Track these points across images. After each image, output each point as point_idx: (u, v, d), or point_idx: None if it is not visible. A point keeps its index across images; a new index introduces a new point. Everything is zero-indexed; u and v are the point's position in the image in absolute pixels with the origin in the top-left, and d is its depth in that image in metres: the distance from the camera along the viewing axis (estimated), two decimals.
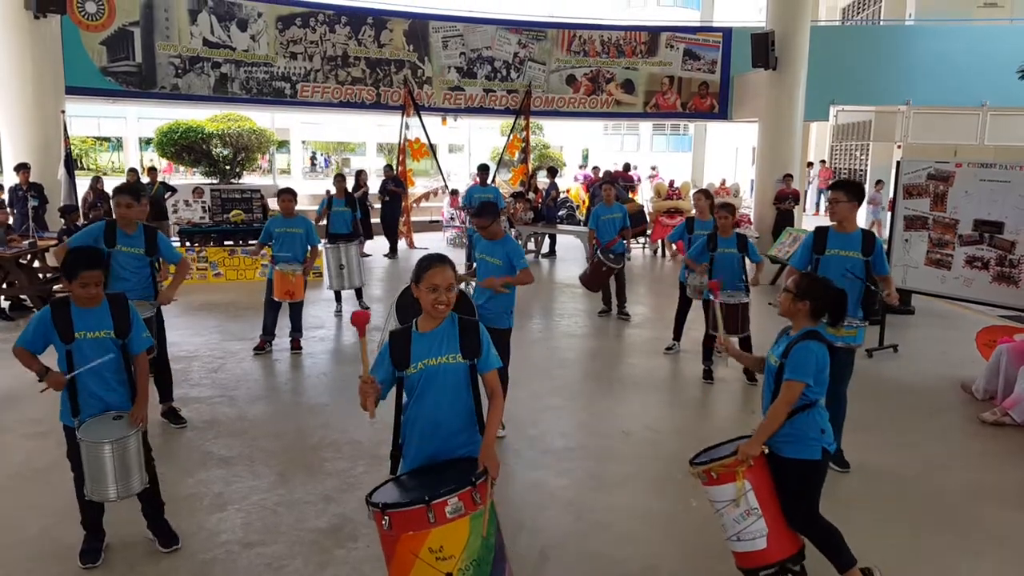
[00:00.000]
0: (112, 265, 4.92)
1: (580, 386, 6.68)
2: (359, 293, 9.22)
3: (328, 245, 8.76)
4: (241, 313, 8.83)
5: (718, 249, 6.53)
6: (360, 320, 2.79)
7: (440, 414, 2.83)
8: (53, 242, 8.95)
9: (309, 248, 7.29)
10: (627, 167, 18.56)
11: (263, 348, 7.29)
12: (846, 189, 4.64)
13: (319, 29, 15.21)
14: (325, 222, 9.18)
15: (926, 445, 5.35)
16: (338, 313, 9.02)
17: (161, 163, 24.20)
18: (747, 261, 6.65)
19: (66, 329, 3.42)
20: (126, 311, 3.56)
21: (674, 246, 13.31)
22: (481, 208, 5.18)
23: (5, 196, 10.55)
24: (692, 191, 11.67)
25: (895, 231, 7.60)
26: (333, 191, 10.13)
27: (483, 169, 12.41)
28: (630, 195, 15.18)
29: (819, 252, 4.72)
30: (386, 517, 2.53)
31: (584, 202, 16.54)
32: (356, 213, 9.69)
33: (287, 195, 7.38)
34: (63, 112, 10.99)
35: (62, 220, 9.62)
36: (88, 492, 3.44)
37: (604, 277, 8.74)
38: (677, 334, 7.51)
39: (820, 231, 4.79)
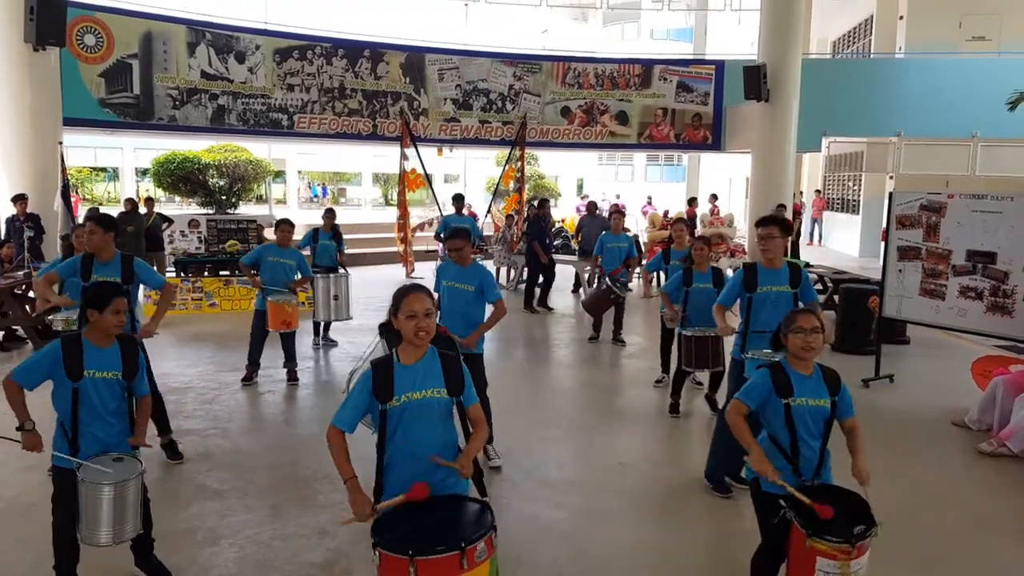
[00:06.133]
0: None
1: (575, 417, 6.65)
2: (326, 327, 9.04)
3: (319, 275, 8.72)
4: (236, 344, 8.77)
5: (693, 284, 6.37)
6: (421, 493, 2.72)
7: (423, 448, 2.79)
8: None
9: (300, 278, 7.35)
10: (692, 201, 17.98)
11: (251, 379, 7.27)
12: (780, 225, 4.66)
13: (316, 61, 15.38)
14: (308, 252, 9.14)
15: (924, 476, 5.33)
16: (316, 345, 8.89)
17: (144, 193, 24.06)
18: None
19: (75, 366, 3.32)
20: (136, 353, 3.50)
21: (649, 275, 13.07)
22: (455, 232, 5.35)
23: (2, 227, 10.54)
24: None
25: (889, 261, 7.64)
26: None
27: (458, 199, 12.45)
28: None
29: (750, 290, 4.70)
30: (413, 565, 2.45)
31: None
32: (341, 247, 9.66)
33: (286, 226, 7.42)
34: (61, 143, 11.04)
35: (60, 250, 9.58)
36: (80, 536, 3.31)
37: (609, 304, 8.80)
38: (665, 366, 7.50)
39: (749, 268, 4.78)
